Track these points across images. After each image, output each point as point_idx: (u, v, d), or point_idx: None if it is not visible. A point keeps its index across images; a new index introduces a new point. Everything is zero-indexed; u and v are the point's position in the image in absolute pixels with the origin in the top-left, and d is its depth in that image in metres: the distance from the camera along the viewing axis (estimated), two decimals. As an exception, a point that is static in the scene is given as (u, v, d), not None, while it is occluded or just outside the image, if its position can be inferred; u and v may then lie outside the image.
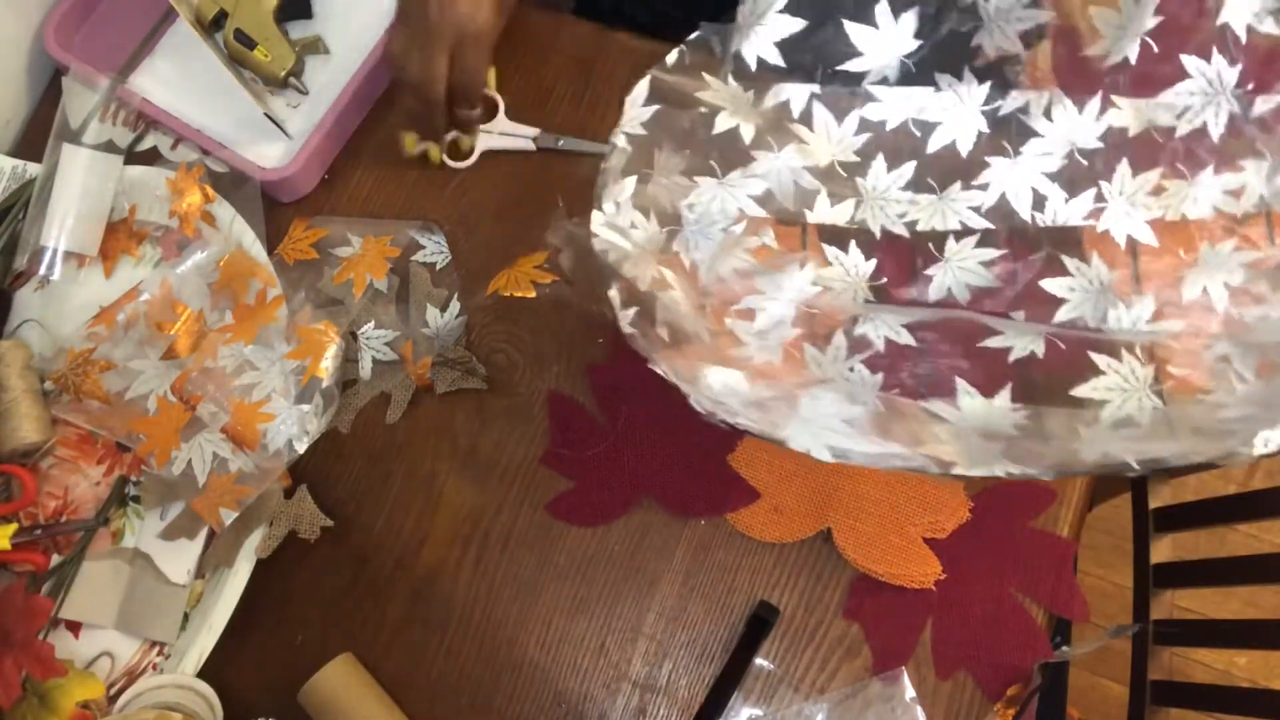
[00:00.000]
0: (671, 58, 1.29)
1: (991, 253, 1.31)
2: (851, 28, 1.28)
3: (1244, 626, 1.85)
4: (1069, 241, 1.29)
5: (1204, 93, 1.23)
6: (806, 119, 1.33)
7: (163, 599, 1.42)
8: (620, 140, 1.25)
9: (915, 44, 1.30)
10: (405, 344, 1.48)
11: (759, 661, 1.35)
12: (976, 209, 1.32)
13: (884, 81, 1.33)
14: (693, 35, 1.30)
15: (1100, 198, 1.29)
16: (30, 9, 1.65)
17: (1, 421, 1.44)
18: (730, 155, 1.33)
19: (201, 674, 1.37)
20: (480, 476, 1.44)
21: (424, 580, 1.44)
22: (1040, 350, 1.23)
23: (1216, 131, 1.23)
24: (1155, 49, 1.24)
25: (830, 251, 1.33)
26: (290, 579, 1.45)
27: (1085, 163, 1.29)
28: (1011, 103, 1.31)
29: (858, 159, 1.34)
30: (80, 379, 1.48)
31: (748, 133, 1.33)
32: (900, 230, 1.33)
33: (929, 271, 1.32)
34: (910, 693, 1.32)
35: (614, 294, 1.15)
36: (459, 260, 1.53)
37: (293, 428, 1.43)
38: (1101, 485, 1.86)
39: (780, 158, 1.33)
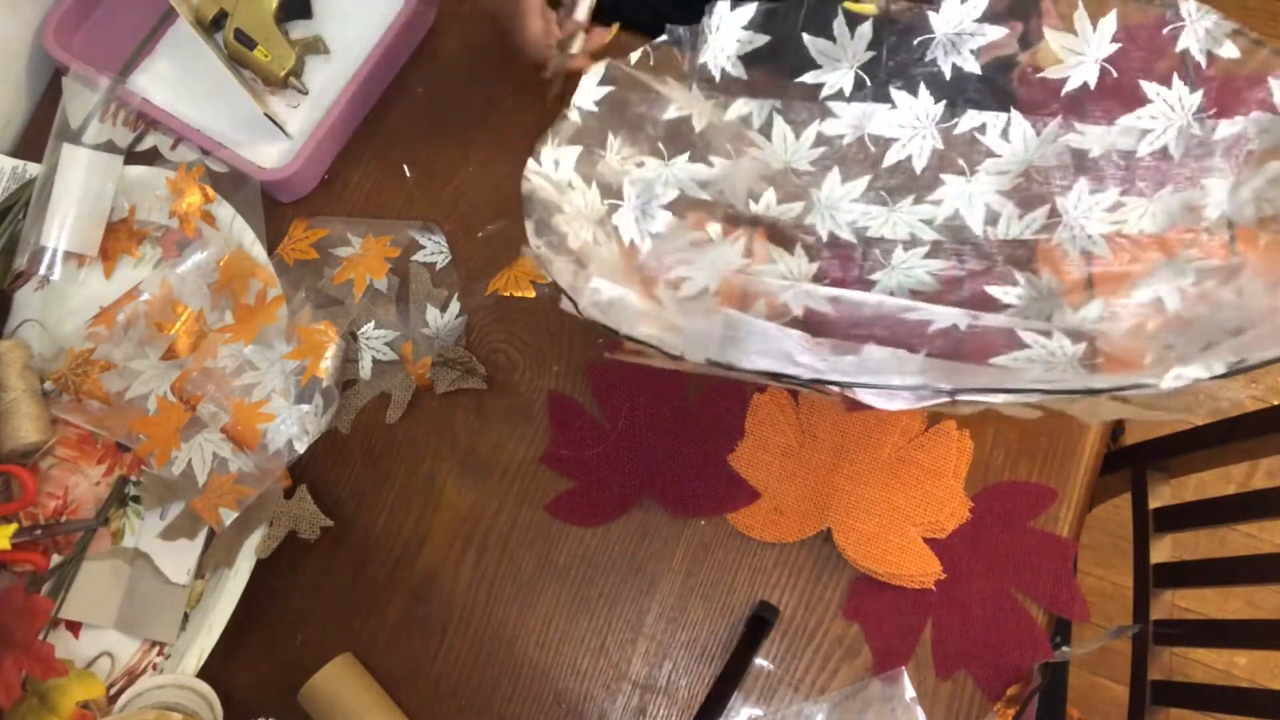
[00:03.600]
0: (635, 56, 1.29)
1: (940, 263, 1.31)
2: (810, 40, 1.28)
3: (1244, 626, 1.85)
4: (1020, 256, 1.30)
5: (1165, 116, 1.23)
6: (766, 130, 1.33)
7: (163, 599, 1.42)
8: (573, 114, 1.25)
9: (868, 55, 1.30)
10: (405, 344, 1.48)
11: (759, 661, 1.35)
12: (928, 222, 1.33)
13: (839, 96, 1.33)
14: (658, 39, 1.30)
15: (1054, 213, 1.29)
16: (30, 9, 1.65)
17: (2, 422, 1.44)
18: (679, 141, 1.34)
19: (201, 674, 1.37)
20: (480, 476, 1.44)
21: (424, 580, 1.44)
22: (963, 324, 1.24)
23: (1178, 152, 1.23)
24: (1114, 74, 1.24)
25: (775, 251, 1.33)
26: (290, 579, 1.45)
27: (1040, 180, 1.29)
28: (968, 122, 1.31)
29: (812, 170, 1.34)
30: (80, 379, 1.48)
31: (699, 122, 1.33)
32: (848, 236, 1.34)
33: (873, 276, 1.33)
34: (910, 693, 1.32)
35: (530, 224, 1.16)
36: (459, 260, 1.53)
37: (293, 428, 1.43)
38: (1102, 486, 1.86)
39: (737, 165, 1.34)
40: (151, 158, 1.62)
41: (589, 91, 1.28)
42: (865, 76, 1.32)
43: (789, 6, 1.29)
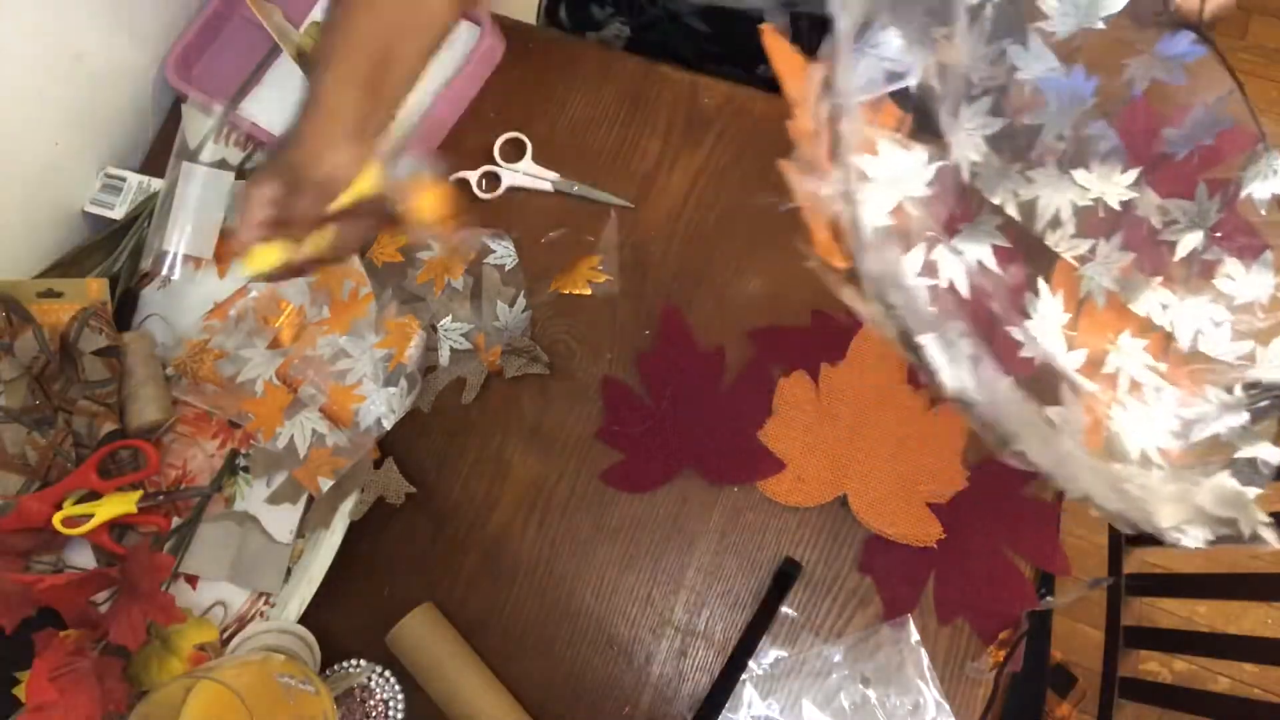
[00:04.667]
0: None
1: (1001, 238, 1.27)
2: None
3: (1204, 579, 1.85)
4: (1047, 266, 1.27)
5: (1192, 219, 1.21)
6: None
7: (269, 555, 1.42)
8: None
9: None
10: (478, 335, 1.47)
11: (784, 610, 1.35)
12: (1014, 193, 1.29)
13: None
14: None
15: (1092, 250, 1.26)
16: (154, 46, 1.65)
17: (129, 402, 1.44)
18: None
19: (302, 620, 1.37)
20: (543, 450, 1.44)
21: (494, 539, 1.43)
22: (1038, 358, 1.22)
23: (1179, 254, 1.21)
24: (1193, 161, 1.21)
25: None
26: (379, 538, 1.44)
27: (1101, 215, 1.27)
28: (1097, 129, 1.27)
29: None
30: (197, 365, 1.48)
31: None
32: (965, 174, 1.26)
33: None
34: (915, 636, 1.31)
35: None
36: (525, 263, 1.52)
37: (381, 407, 1.42)
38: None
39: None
40: (259, 174, 1.62)
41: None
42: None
43: None
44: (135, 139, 1.69)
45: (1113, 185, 1.24)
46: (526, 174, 1.56)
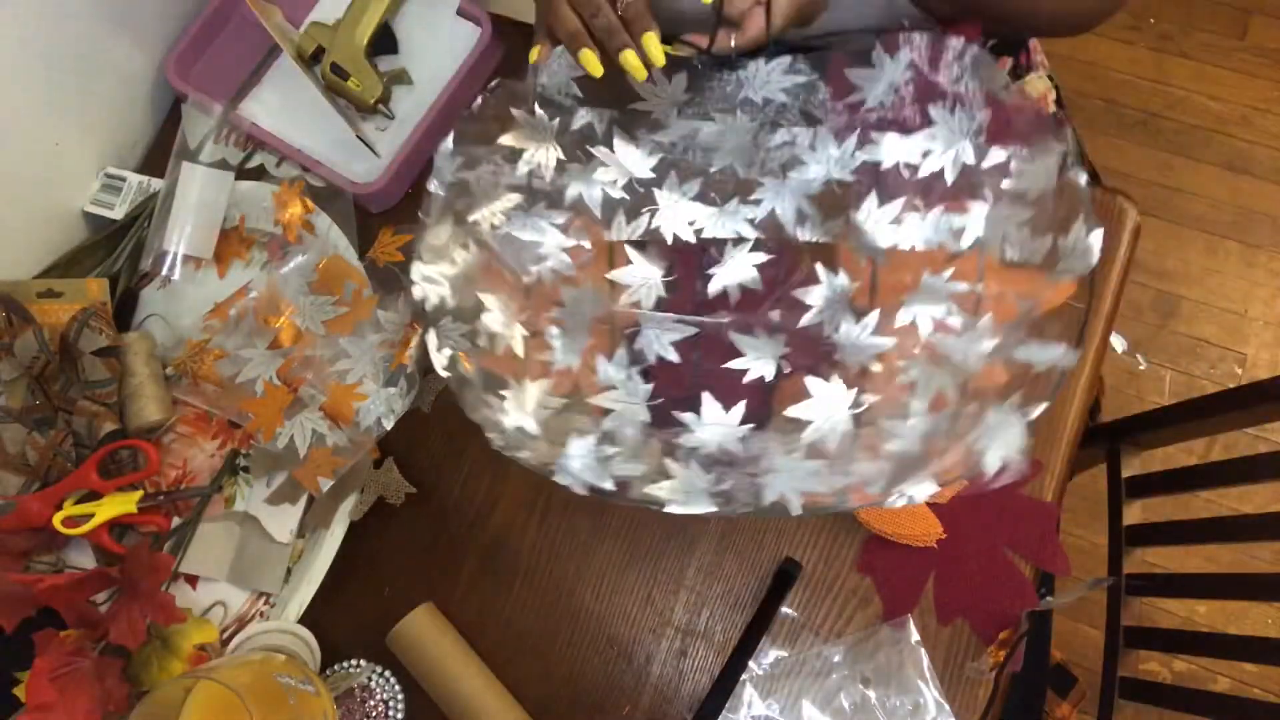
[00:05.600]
0: (476, 104, 1.26)
1: (762, 256, 1.30)
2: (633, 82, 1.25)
3: (1204, 580, 1.85)
4: (824, 256, 1.28)
5: (945, 139, 1.22)
6: (607, 141, 1.31)
7: (269, 555, 1.42)
8: (433, 186, 1.22)
9: (686, 96, 1.29)
10: (478, 335, 1.48)
11: (784, 610, 1.35)
12: (751, 220, 1.32)
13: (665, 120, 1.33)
14: (492, 83, 1.27)
15: (849, 221, 1.27)
16: (153, 46, 1.65)
17: (129, 402, 1.44)
18: (536, 193, 1.33)
19: (302, 620, 1.37)
20: (543, 450, 1.44)
21: (495, 540, 1.43)
22: (770, 374, 1.24)
23: (951, 176, 1.21)
24: (906, 98, 1.23)
25: (632, 254, 1.31)
26: (379, 538, 1.44)
27: (840, 190, 1.28)
28: (780, 137, 1.30)
29: (654, 175, 1.33)
30: (197, 365, 1.48)
31: (548, 168, 1.32)
32: (689, 237, 1.32)
33: (711, 271, 1.31)
34: (915, 636, 1.31)
35: (430, 337, 1.17)
36: (524, 262, 1.53)
37: (381, 407, 1.42)
38: (1081, 458, 1.86)
39: (589, 176, 1.32)
40: (259, 174, 1.62)
41: (444, 164, 1.24)
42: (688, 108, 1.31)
43: None
44: (135, 139, 1.69)
45: (834, 158, 1.29)
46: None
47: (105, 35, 1.57)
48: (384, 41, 1.62)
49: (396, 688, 1.37)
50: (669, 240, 1.32)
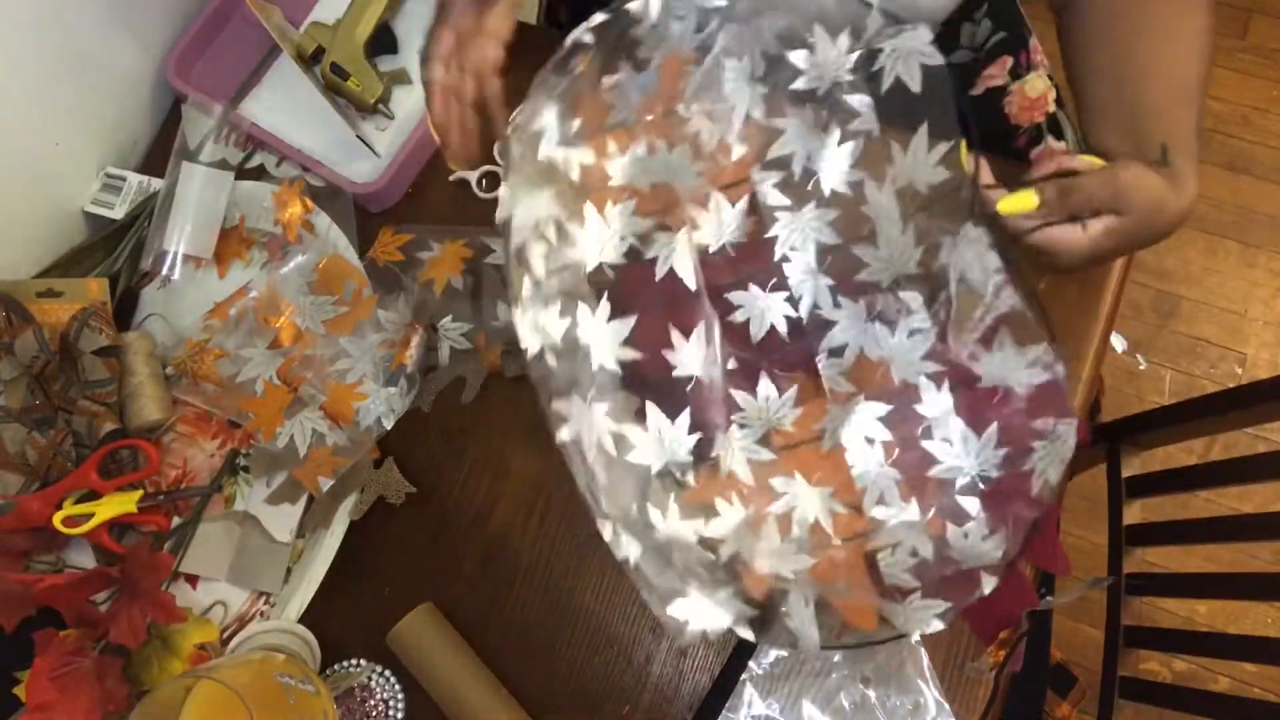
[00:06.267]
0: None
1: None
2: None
3: (1204, 579, 1.85)
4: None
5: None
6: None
7: (269, 555, 1.42)
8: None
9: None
10: (478, 335, 1.47)
11: (785, 610, 1.35)
12: None
13: None
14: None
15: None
16: (154, 46, 1.65)
17: (129, 402, 1.44)
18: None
19: (302, 620, 1.37)
20: (544, 449, 1.43)
21: (494, 539, 1.43)
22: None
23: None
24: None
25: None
26: (379, 538, 1.44)
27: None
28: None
29: None
30: (197, 365, 1.48)
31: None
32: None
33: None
34: (915, 636, 1.31)
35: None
36: (524, 262, 1.52)
37: (381, 407, 1.42)
38: (1081, 458, 1.86)
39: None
40: (259, 174, 1.62)
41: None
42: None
43: None
44: (135, 139, 1.69)
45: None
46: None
47: (105, 35, 1.57)
48: (384, 41, 1.62)
49: (396, 688, 1.37)
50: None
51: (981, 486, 1.19)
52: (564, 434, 1.08)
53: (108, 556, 1.41)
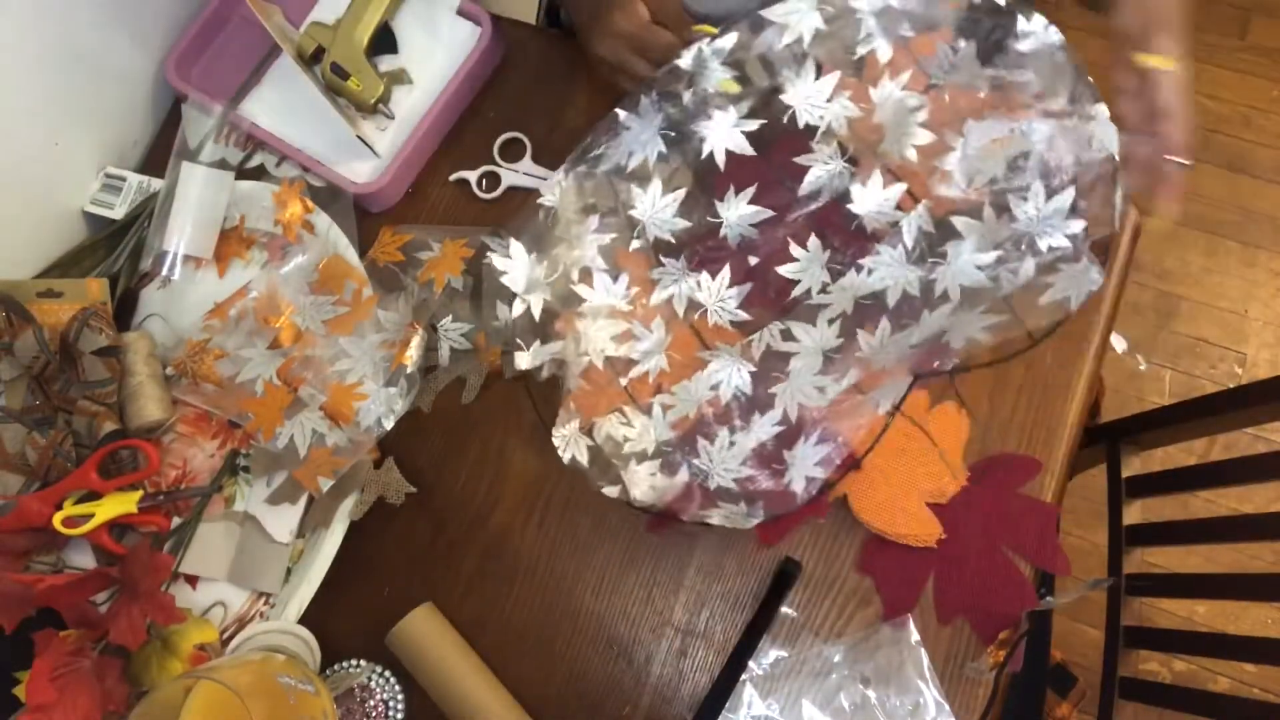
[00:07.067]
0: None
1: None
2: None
3: (1204, 580, 1.85)
4: None
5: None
6: None
7: (269, 555, 1.42)
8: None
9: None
10: (478, 335, 1.47)
11: (784, 610, 1.35)
12: None
13: None
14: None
15: None
16: (154, 46, 1.65)
17: (129, 402, 1.44)
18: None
19: (302, 620, 1.37)
20: (543, 449, 1.43)
21: (494, 539, 1.43)
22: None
23: None
24: None
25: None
26: (379, 538, 1.44)
27: None
28: None
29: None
30: (197, 365, 1.48)
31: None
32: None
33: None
34: (915, 636, 1.31)
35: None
36: (524, 262, 1.52)
37: (381, 407, 1.42)
38: (1081, 457, 1.86)
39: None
40: (259, 174, 1.63)
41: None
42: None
43: None
44: (135, 139, 1.69)
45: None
46: (526, 174, 1.57)
47: (105, 35, 1.57)
48: (384, 41, 1.62)
49: (396, 688, 1.37)
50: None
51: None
52: None
53: (108, 557, 1.41)
